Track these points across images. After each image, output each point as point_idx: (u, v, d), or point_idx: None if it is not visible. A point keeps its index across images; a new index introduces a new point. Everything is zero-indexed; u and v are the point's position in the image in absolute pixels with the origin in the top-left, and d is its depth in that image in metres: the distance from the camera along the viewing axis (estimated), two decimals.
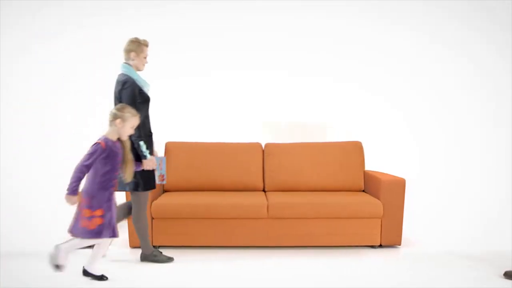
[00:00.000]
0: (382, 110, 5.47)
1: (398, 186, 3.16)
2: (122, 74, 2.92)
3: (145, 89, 2.96)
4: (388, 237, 3.20)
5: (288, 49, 5.54)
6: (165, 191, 3.64)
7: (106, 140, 2.50)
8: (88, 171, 2.46)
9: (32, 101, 5.59)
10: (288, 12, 5.53)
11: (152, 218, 3.19)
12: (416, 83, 5.56)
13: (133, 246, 3.23)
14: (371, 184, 3.47)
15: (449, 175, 5.18)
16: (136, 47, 2.95)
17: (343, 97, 5.42)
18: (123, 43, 5.54)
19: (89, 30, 5.63)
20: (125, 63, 2.97)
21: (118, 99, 2.88)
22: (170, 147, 3.70)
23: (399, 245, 3.27)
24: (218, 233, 3.14)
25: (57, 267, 2.46)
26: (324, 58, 5.51)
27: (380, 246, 3.27)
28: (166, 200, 3.26)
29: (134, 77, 2.89)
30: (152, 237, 3.18)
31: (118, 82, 2.92)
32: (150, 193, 3.08)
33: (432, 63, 5.50)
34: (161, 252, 2.99)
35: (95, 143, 2.51)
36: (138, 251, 3.15)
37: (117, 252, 3.19)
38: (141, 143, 2.78)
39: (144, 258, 2.94)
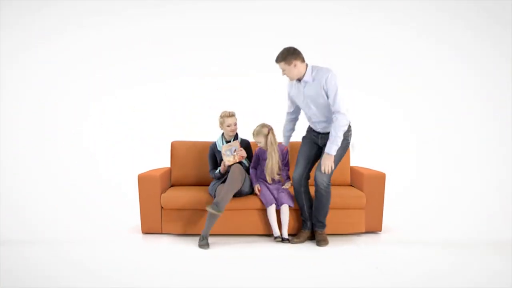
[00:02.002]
0: (367, 111, 5.81)
1: (379, 179, 3.70)
2: None
3: (219, 154, 3.80)
4: (371, 224, 3.77)
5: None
6: (172, 185, 4.15)
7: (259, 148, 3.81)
8: None
9: (31, 100, 5.98)
10: (277, 14, 5.91)
11: (162, 208, 3.71)
12: (399, 82, 5.88)
13: (145, 232, 3.73)
14: (356, 178, 4.00)
15: (426, 169, 5.70)
16: (219, 120, 3.67)
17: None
18: (122, 43, 5.71)
19: (89, 30, 5.98)
20: None
21: None
22: (175, 145, 4.19)
23: (380, 231, 3.83)
24: (219, 222, 3.63)
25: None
26: (313, 59, 5.86)
27: (365, 232, 3.82)
28: (173, 193, 3.77)
29: (217, 141, 3.86)
30: (161, 225, 3.71)
31: None
32: (159, 187, 3.72)
33: (419, 60, 5.86)
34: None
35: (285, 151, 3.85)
36: (150, 237, 3.67)
37: (129, 237, 3.68)
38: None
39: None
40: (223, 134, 3.87)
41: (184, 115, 5.78)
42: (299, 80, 3.46)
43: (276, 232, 3.56)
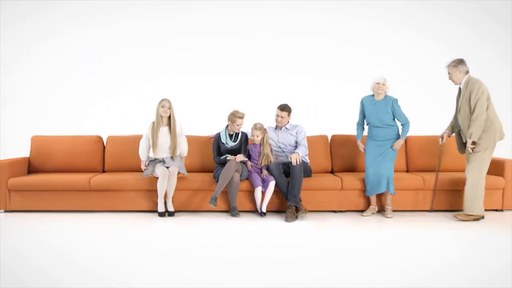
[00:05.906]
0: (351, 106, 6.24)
1: None
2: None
3: (224, 142, 4.79)
4: None
5: (287, 51, 6.58)
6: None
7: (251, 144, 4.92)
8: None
9: (31, 100, 6.50)
10: (278, 14, 6.52)
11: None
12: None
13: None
14: (496, 166, 4.94)
15: None
16: (231, 117, 4.78)
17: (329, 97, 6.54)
18: (122, 43, 6.36)
19: (88, 30, 6.53)
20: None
21: None
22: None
23: None
24: (219, 202, 4.74)
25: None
26: (308, 58, 6.53)
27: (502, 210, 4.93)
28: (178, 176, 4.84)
29: (221, 133, 4.86)
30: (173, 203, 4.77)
31: None
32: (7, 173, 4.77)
33: (419, 58, 6.54)
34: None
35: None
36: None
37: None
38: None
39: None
40: (227, 127, 4.85)
41: (196, 113, 6.33)
42: (279, 127, 4.97)
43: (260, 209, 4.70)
